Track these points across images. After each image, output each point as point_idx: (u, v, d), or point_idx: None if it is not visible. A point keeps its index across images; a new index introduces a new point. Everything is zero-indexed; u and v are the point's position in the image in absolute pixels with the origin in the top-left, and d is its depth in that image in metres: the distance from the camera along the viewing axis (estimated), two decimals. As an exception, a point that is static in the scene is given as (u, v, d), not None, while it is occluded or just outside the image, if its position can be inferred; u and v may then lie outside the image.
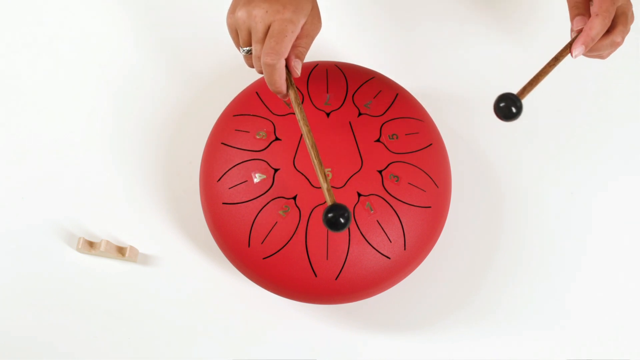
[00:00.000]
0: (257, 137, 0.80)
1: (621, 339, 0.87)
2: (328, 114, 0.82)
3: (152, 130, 0.91)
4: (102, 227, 0.88)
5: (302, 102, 0.82)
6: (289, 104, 0.81)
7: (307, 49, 0.74)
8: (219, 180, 0.80)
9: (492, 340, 0.86)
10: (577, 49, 0.72)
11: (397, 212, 0.78)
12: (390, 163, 0.80)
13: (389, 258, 0.78)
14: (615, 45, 0.73)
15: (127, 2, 0.97)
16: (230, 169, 0.80)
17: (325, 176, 0.67)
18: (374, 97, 0.83)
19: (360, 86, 0.84)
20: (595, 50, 0.74)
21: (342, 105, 0.82)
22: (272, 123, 0.81)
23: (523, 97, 0.69)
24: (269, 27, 0.69)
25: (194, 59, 0.94)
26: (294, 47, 0.72)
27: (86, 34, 0.95)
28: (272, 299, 0.85)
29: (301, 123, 0.70)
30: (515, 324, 0.87)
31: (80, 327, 0.85)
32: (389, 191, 0.79)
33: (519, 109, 0.68)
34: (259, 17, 0.69)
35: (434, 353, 0.86)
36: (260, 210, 0.78)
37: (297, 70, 0.73)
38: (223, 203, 0.79)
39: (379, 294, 0.81)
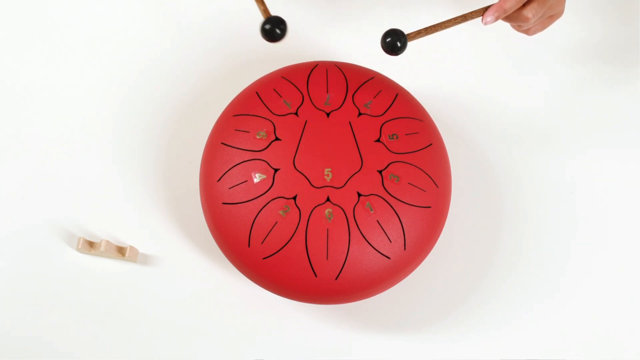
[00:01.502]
0: (257, 137, 0.80)
1: (622, 338, 0.87)
2: (328, 114, 0.82)
3: (152, 130, 0.91)
4: (102, 227, 0.88)
5: (303, 103, 0.82)
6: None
7: None
8: (219, 180, 0.80)
9: (492, 340, 0.86)
10: (488, 17, 0.75)
11: (397, 212, 0.78)
12: (390, 163, 0.80)
13: (389, 258, 0.78)
14: (524, 19, 0.76)
15: (127, 3, 0.97)
16: (230, 169, 0.80)
17: (261, 1, 0.75)
18: (374, 97, 0.83)
19: (360, 86, 0.84)
20: (510, 20, 0.77)
21: (342, 105, 0.82)
22: (272, 123, 0.81)
23: (411, 39, 0.75)
24: None
25: (194, 59, 0.94)
26: None
27: (86, 34, 0.95)
28: (272, 299, 0.85)
29: None
30: (515, 324, 0.87)
31: (80, 327, 0.85)
32: (389, 191, 0.79)
33: (404, 44, 0.74)
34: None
35: (434, 353, 0.86)
36: (260, 210, 0.78)
37: None
38: (223, 203, 0.79)
39: (379, 294, 0.81)
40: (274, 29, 0.72)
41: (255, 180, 0.79)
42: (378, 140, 0.81)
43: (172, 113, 0.92)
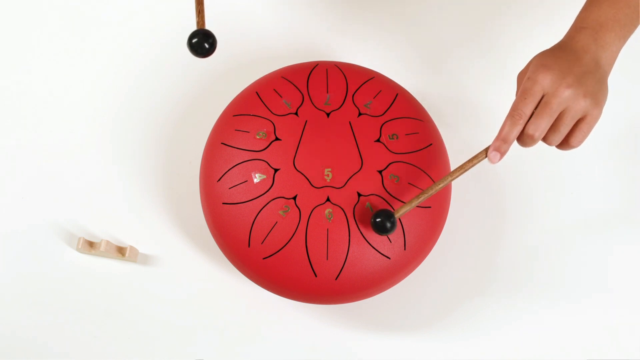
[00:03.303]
0: (257, 137, 0.80)
1: (622, 339, 0.87)
2: (328, 114, 0.82)
3: (152, 131, 0.91)
4: (102, 227, 0.88)
5: (303, 103, 0.82)
6: None
7: None
8: (219, 180, 0.80)
9: (492, 340, 0.86)
10: (491, 154, 0.70)
11: (397, 212, 0.78)
12: (390, 163, 0.80)
13: (389, 258, 0.78)
14: (529, 138, 0.69)
15: (127, 3, 0.97)
16: (230, 169, 0.80)
17: (200, 13, 0.67)
18: (374, 97, 0.83)
19: (360, 86, 0.84)
20: (524, 145, 0.70)
21: (342, 105, 0.82)
22: (272, 123, 0.81)
23: (399, 214, 0.74)
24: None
25: (194, 60, 0.94)
26: None
27: (86, 34, 0.95)
28: (272, 299, 0.85)
29: None
30: (515, 324, 0.87)
31: (80, 327, 0.85)
32: (389, 191, 0.79)
33: (393, 224, 0.73)
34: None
35: (433, 353, 0.86)
36: (260, 210, 0.78)
37: None
38: (223, 203, 0.79)
39: (379, 294, 0.81)
40: (202, 42, 0.65)
41: (255, 180, 0.79)
42: (378, 140, 0.81)
43: (172, 113, 0.92)
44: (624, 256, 0.89)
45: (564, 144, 0.72)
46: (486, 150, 0.71)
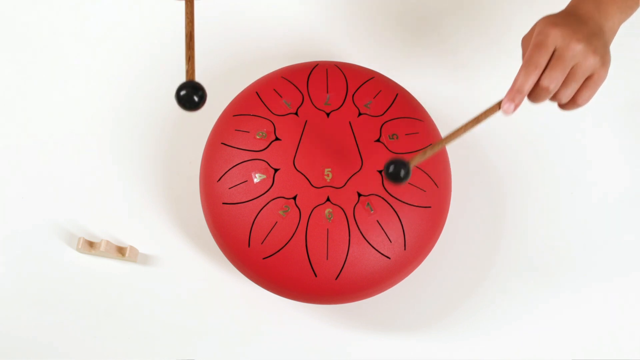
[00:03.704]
0: (257, 137, 0.80)
1: (623, 339, 0.87)
2: (328, 114, 0.82)
3: (152, 131, 0.91)
4: (102, 227, 0.88)
5: (303, 103, 0.82)
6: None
7: None
8: (219, 180, 0.80)
9: (492, 340, 0.86)
10: (505, 104, 0.69)
11: (397, 212, 0.78)
12: (390, 163, 0.80)
13: (389, 258, 0.78)
14: (544, 90, 0.68)
15: (128, 3, 0.97)
16: (230, 169, 0.80)
17: (190, 59, 0.64)
18: (374, 97, 0.83)
19: (360, 86, 0.84)
20: (534, 99, 0.70)
21: (342, 105, 0.82)
22: (272, 123, 0.81)
23: (413, 163, 0.68)
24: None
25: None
26: None
27: (86, 34, 0.95)
28: (272, 299, 0.85)
29: (187, 10, 0.66)
30: (515, 324, 0.87)
31: (80, 327, 0.85)
32: (389, 191, 0.79)
33: (407, 173, 0.67)
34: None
35: (433, 353, 0.86)
36: (260, 210, 0.78)
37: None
38: (223, 203, 0.79)
39: (379, 294, 0.81)
40: (191, 95, 0.61)
41: (255, 180, 0.79)
42: (378, 140, 0.81)
43: (172, 113, 0.92)
44: (624, 256, 0.89)
45: (571, 103, 0.72)
46: (499, 103, 0.70)
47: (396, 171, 0.67)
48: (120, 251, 0.86)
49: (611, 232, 0.90)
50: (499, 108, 0.70)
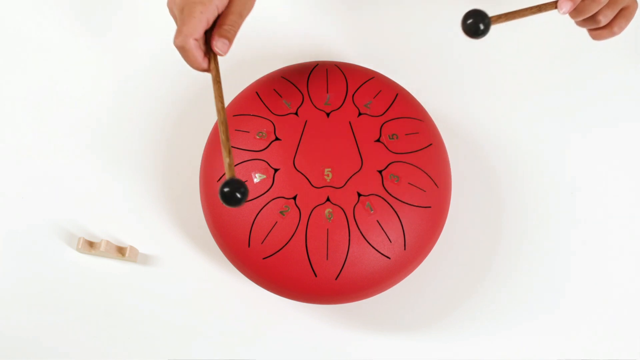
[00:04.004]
0: (257, 137, 0.80)
1: (622, 338, 0.87)
2: (328, 114, 0.82)
3: (152, 130, 0.91)
4: (102, 227, 0.88)
5: (303, 103, 0.82)
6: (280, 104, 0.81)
7: (236, 27, 0.72)
8: (219, 180, 0.80)
9: (492, 340, 0.86)
10: (564, 4, 0.72)
11: (397, 212, 0.78)
12: (390, 163, 0.80)
13: (389, 258, 0.78)
14: (595, 3, 0.72)
15: (128, 2, 0.97)
16: (230, 169, 0.80)
17: (230, 152, 0.66)
18: (374, 97, 0.83)
19: (360, 86, 0.84)
20: (582, 12, 0.73)
21: (342, 105, 0.82)
22: (272, 123, 0.81)
23: (494, 22, 0.69)
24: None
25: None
26: (218, 25, 0.71)
27: (86, 34, 0.95)
28: (272, 299, 0.85)
29: (216, 101, 0.69)
30: (515, 324, 0.87)
31: (80, 327, 0.85)
32: (389, 191, 0.79)
33: (487, 26, 0.68)
34: (177, 3, 0.71)
35: (433, 353, 0.86)
36: (260, 210, 0.78)
37: (220, 50, 0.71)
38: (223, 203, 0.79)
39: (379, 294, 0.81)
40: (234, 192, 0.63)
41: (255, 180, 0.79)
42: (378, 140, 0.81)
43: (172, 113, 0.92)
44: (624, 257, 0.89)
45: (608, 29, 0.76)
46: (555, 2, 0.73)
47: (475, 24, 0.68)
48: (120, 251, 0.86)
49: (611, 232, 0.90)
50: (555, 7, 0.73)
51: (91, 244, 0.86)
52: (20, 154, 0.90)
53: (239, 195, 0.63)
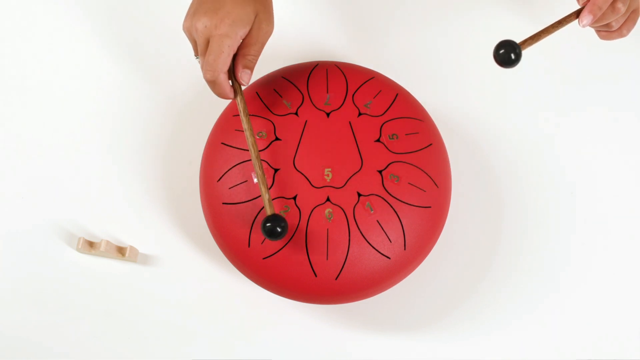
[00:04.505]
0: (257, 137, 0.80)
1: (622, 338, 0.87)
2: (328, 114, 0.82)
3: (152, 130, 0.91)
4: (102, 227, 0.88)
5: (303, 103, 0.82)
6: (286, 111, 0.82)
7: (257, 56, 0.75)
8: (219, 180, 0.80)
9: (492, 339, 0.86)
10: (586, 17, 0.74)
11: (397, 212, 0.78)
12: (390, 163, 0.80)
13: (389, 258, 0.78)
14: (617, 11, 0.75)
15: (128, 2, 0.97)
16: (230, 169, 0.80)
17: (267, 188, 0.74)
18: (374, 97, 0.83)
19: (360, 86, 0.84)
20: (602, 19, 0.75)
21: (342, 105, 0.82)
22: (272, 123, 0.81)
23: (524, 47, 0.74)
24: (209, 41, 0.72)
25: (194, 60, 0.94)
26: (241, 56, 0.75)
27: (86, 34, 0.95)
28: (272, 299, 0.85)
29: (247, 134, 0.74)
30: (515, 324, 0.87)
31: (80, 327, 0.85)
32: (389, 191, 0.79)
33: (518, 55, 0.73)
34: (200, 31, 0.72)
35: (433, 353, 0.86)
36: (260, 210, 0.78)
37: (244, 80, 0.76)
38: (223, 203, 0.79)
39: (379, 294, 0.81)
40: (275, 227, 0.72)
41: (255, 180, 0.79)
42: (378, 140, 0.81)
43: (172, 113, 0.92)
44: (624, 257, 0.89)
45: (618, 32, 0.80)
46: (576, 12, 0.75)
47: (507, 54, 0.73)
48: (120, 251, 0.86)
49: (611, 232, 0.90)
50: (576, 17, 0.75)
51: (91, 244, 0.86)
52: (20, 154, 0.90)
53: (279, 230, 0.72)
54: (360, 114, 0.82)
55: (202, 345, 0.85)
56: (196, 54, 0.76)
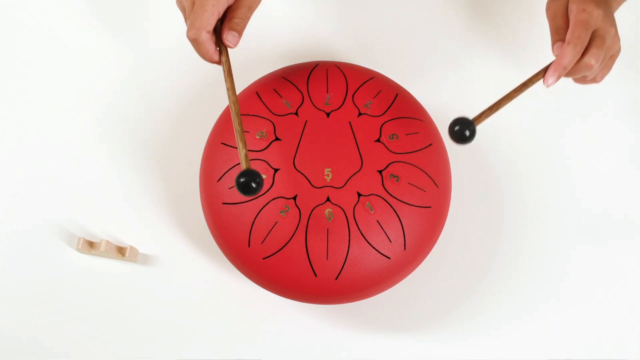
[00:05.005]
0: (257, 137, 0.80)
1: (622, 338, 0.87)
2: (328, 114, 0.82)
3: (152, 131, 0.91)
4: (102, 227, 0.88)
5: (303, 103, 0.82)
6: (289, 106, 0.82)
7: (245, 19, 0.74)
8: (219, 180, 0.80)
9: (492, 339, 0.86)
10: (550, 77, 0.72)
11: (397, 212, 0.78)
12: (390, 163, 0.80)
13: (389, 258, 0.78)
14: (589, 67, 0.72)
15: (128, 2, 0.97)
16: (230, 169, 0.80)
17: (244, 142, 0.70)
18: (374, 97, 0.83)
19: (360, 86, 0.84)
20: (572, 74, 0.74)
21: (342, 105, 0.82)
22: (272, 123, 0.81)
23: (478, 123, 0.71)
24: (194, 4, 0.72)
25: (193, 59, 0.94)
26: (228, 19, 0.74)
27: (86, 34, 0.95)
28: (272, 299, 0.85)
29: (229, 92, 0.72)
30: (515, 324, 0.87)
31: (80, 327, 0.85)
32: (389, 191, 0.79)
33: (473, 132, 0.70)
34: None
35: (433, 353, 0.86)
36: (260, 210, 0.78)
37: (231, 43, 0.74)
38: (223, 203, 0.79)
39: (379, 294, 0.81)
40: (249, 182, 0.67)
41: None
42: (378, 140, 0.81)
43: (172, 113, 0.92)
44: (624, 257, 0.89)
45: (592, 80, 0.77)
46: (543, 70, 0.73)
47: (461, 131, 0.69)
48: (120, 251, 0.86)
49: (611, 232, 0.90)
50: (543, 75, 0.73)
51: (91, 244, 0.86)
52: (20, 154, 0.90)
53: (254, 185, 0.67)
54: (360, 114, 0.82)
55: (202, 345, 0.85)
56: (186, 22, 0.75)
